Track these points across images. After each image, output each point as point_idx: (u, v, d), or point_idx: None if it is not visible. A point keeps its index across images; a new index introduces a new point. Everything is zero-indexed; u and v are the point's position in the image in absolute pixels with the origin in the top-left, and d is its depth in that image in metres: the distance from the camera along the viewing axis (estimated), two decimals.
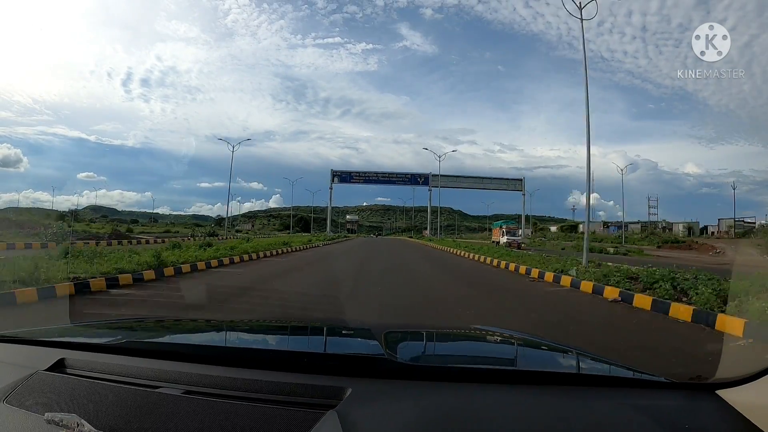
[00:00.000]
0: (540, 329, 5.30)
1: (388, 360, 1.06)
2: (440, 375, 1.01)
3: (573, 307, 7.44)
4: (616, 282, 8.26)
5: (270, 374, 0.96)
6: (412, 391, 0.91)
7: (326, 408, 0.82)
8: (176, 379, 0.95)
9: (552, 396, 0.92)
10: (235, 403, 0.85)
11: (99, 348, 1.17)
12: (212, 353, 1.15)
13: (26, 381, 0.95)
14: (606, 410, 0.89)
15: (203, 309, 6.22)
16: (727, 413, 0.86)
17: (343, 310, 6.15)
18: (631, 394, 0.97)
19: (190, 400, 0.86)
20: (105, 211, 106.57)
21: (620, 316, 6.65)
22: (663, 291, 7.07)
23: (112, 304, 6.78)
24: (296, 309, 6.34)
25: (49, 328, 1.59)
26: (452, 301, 7.58)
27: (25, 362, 1.05)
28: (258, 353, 1.23)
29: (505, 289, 9.75)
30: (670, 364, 3.99)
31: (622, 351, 4.36)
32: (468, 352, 1.54)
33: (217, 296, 7.40)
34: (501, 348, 1.59)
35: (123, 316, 5.35)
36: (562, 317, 6.50)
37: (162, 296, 7.38)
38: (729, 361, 2.69)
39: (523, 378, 1.03)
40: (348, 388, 0.88)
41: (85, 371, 1.01)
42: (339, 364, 1.05)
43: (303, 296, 7.72)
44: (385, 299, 7.41)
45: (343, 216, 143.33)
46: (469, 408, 0.86)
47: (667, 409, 0.90)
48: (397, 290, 8.86)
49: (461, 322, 5.71)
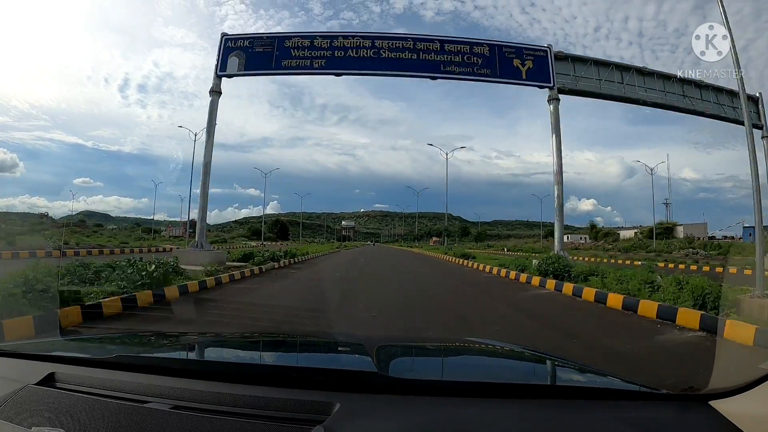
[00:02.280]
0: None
1: (377, 374, 1.06)
2: (430, 389, 1.01)
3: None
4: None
5: (259, 389, 0.96)
6: (402, 406, 0.90)
7: (314, 423, 0.81)
8: (165, 394, 0.94)
9: (542, 409, 0.92)
10: (223, 418, 0.85)
11: (89, 362, 1.16)
12: (201, 368, 1.16)
13: (16, 395, 0.95)
14: (598, 423, 0.88)
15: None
16: (720, 424, 0.86)
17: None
18: (623, 406, 0.97)
19: (178, 415, 0.86)
20: (98, 217, 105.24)
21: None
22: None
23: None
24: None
25: (39, 341, 1.58)
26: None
27: (15, 376, 1.05)
28: (247, 368, 1.23)
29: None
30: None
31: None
32: (460, 366, 1.53)
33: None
34: (493, 361, 1.59)
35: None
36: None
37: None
38: (722, 371, 2.67)
39: (513, 391, 1.02)
40: (336, 403, 0.88)
41: (74, 385, 1.01)
42: (327, 379, 1.04)
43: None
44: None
45: (338, 222, 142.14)
46: (459, 422, 0.86)
47: (659, 421, 0.90)
48: None
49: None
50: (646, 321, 6.36)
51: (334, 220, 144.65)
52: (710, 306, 6.07)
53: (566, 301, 8.63)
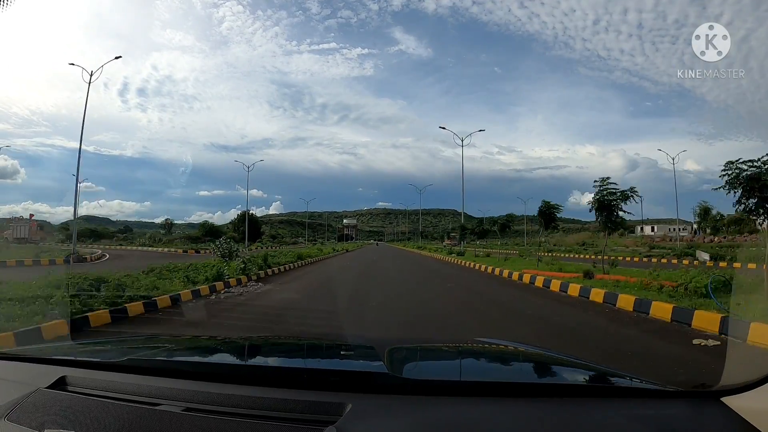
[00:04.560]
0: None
1: (388, 375, 1.06)
2: (441, 389, 1.00)
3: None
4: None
5: (270, 391, 0.96)
6: (413, 406, 0.90)
7: (326, 424, 0.82)
8: (176, 397, 0.95)
9: (554, 408, 0.91)
10: (236, 420, 0.85)
11: (100, 366, 1.17)
12: (213, 370, 1.16)
13: (27, 398, 0.96)
14: (609, 421, 0.88)
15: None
16: (732, 421, 0.85)
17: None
18: (635, 404, 0.97)
19: (191, 418, 0.86)
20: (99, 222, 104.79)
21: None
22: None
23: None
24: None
25: (50, 345, 1.59)
26: None
27: (27, 380, 1.06)
28: (258, 370, 1.24)
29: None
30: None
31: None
32: (471, 366, 1.53)
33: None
34: (503, 361, 1.58)
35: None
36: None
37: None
38: (733, 367, 2.64)
39: (523, 391, 1.02)
40: (348, 404, 0.88)
41: (86, 389, 1.01)
42: (339, 380, 1.04)
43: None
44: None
45: (341, 221, 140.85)
46: (469, 422, 0.85)
47: (671, 417, 0.90)
48: None
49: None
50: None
51: (336, 219, 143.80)
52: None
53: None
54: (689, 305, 6.16)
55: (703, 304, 6.25)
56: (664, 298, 7.00)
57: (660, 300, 6.84)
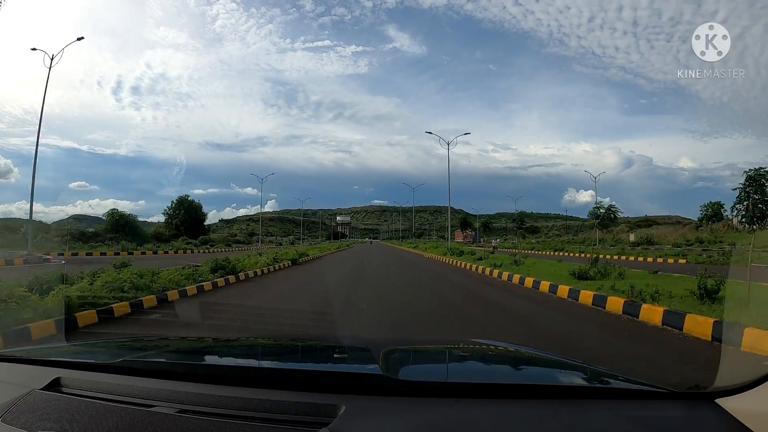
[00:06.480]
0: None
1: (382, 376, 1.05)
2: (435, 391, 1.00)
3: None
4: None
5: (265, 392, 0.96)
6: (407, 408, 0.90)
7: (319, 426, 0.82)
8: (170, 398, 0.95)
9: (549, 410, 0.92)
10: (230, 421, 0.85)
11: (94, 367, 1.16)
12: (207, 372, 1.15)
13: (22, 400, 0.95)
14: (605, 423, 0.88)
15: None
16: (727, 422, 0.86)
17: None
18: (629, 406, 0.97)
19: (185, 419, 0.86)
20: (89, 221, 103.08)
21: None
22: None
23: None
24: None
25: (45, 347, 1.58)
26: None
27: (21, 381, 1.06)
28: (252, 371, 1.23)
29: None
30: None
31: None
32: (465, 368, 1.53)
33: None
34: (499, 362, 1.58)
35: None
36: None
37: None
38: (727, 369, 2.65)
39: (519, 392, 1.02)
40: (342, 406, 0.88)
41: (80, 390, 1.01)
42: (333, 382, 1.04)
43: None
44: None
45: (334, 218, 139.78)
46: (464, 424, 0.86)
47: (666, 419, 0.90)
48: None
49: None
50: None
51: (331, 217, 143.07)
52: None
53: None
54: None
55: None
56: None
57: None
